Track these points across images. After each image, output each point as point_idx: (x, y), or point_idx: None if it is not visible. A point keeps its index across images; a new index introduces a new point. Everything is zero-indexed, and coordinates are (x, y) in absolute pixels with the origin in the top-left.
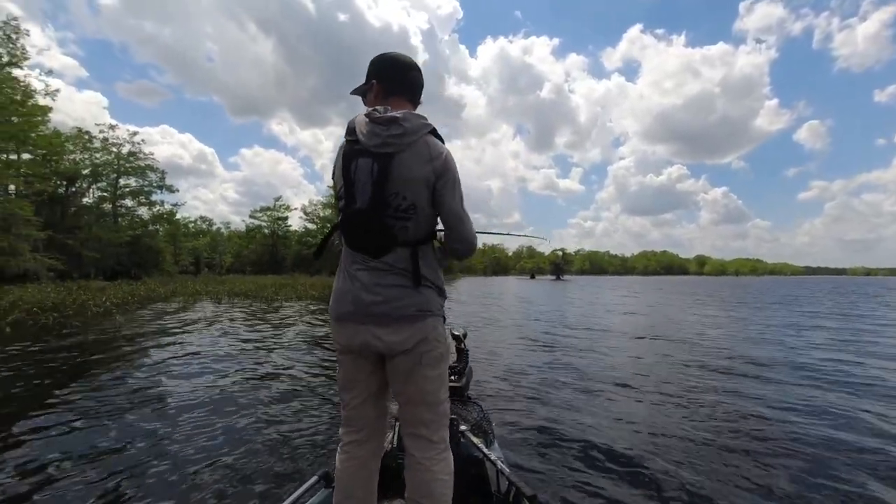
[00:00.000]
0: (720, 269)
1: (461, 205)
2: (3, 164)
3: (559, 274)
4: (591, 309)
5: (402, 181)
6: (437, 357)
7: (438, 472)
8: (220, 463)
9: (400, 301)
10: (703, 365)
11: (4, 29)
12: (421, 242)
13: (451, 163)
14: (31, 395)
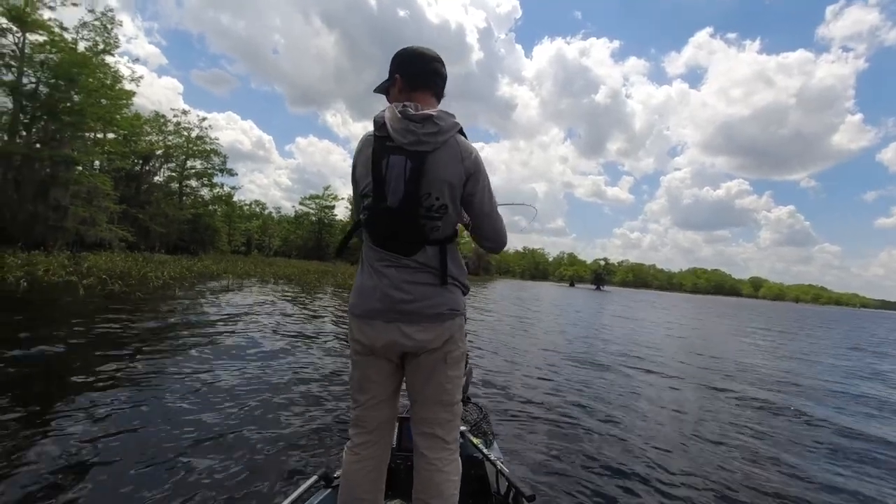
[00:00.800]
0: (778, 293)
1: (493, 202)
2: (91, 142)
3: (599, 284)
4: (628, 323)
5: (436, 181)
6: (459, 357)
7: (450, 472)
8: (220, 463)
9: (431, 299)
10: (738, 397)
11: (101, 19)
12: (448, 241)
13: (482, 162)
14: (86, 353)
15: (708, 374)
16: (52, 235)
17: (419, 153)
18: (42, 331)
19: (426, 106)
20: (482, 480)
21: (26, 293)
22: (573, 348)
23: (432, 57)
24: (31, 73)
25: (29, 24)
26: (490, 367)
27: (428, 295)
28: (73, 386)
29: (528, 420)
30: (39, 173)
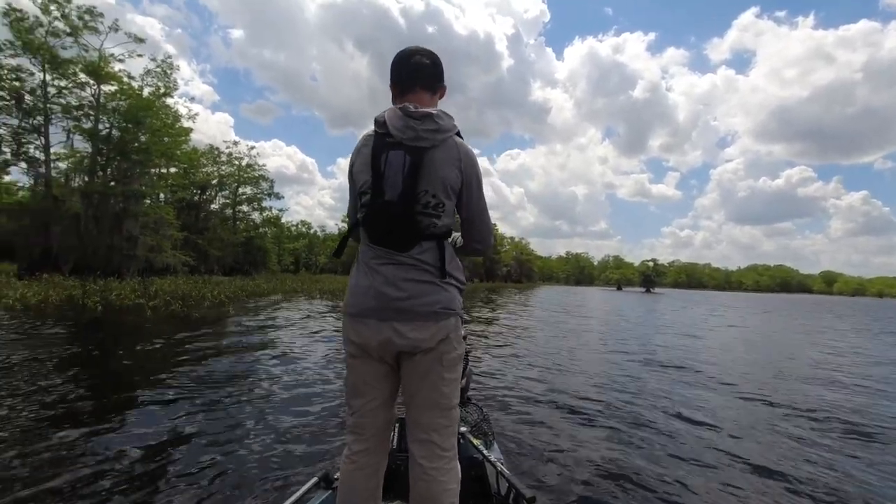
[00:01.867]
0: (857, 287)
1: (485, 207)
2: (156, 177)
3: (649, 286)
4: (676, 324)
5: (434, 177)
6: (456, 359)
7: (447, 482)
8: (220, 463)
9: (426, 297)
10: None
11: (162, 66)
12: (446, 238)
13: (477, 164)
14: (146, 364)
15: (760, 379)
16: (126, 263)
17: (418, 149)
18: (114, 347)
19: (422, 104)
20: (482, 481)
21: (102, 316)
22: (606, 350)
23: (413, 52)
24: (106, 120)
25: (103, 77)
26: (500, 368)
27: (423, 292)
28: (128, 391)
29: (534, 420)
30: (114, 208)
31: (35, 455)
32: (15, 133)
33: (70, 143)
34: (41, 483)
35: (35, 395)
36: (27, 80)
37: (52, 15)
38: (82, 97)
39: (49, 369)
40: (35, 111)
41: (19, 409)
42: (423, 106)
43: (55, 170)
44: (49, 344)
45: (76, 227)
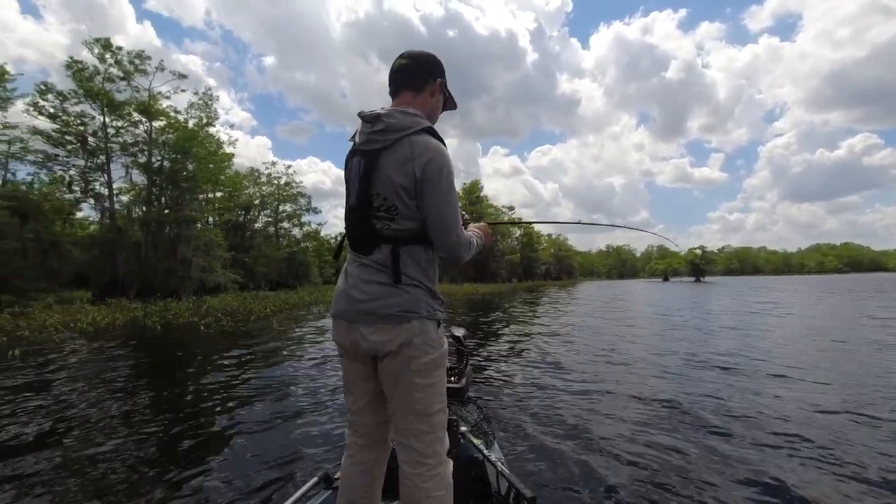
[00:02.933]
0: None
1: (447, 211)
2: (204, 202)
3: (698, 275)
4: (724, 314)
5: (382, 180)
6: (428, 364)
7: (430, 489)
8: (220, 463)
9: (383, 299)
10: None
11: (203, 98)
12: (407, 241)
13: (438, 165)
14: (189, 377)
15: (824, 375)
16: (182, 285)
17: (369, 152)
18: (166, 362)
19: (407, 104)
20: (482, 481)
21: (161, 334)
22: (632, 343)
23: (399, 56)
24: (157, 153)
25: (153, 114)
26: (505, 367)
27: (381, 294)
28: (177, 401)
29: (535, 420)
30: (169, 234)
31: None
32: (82, 173)
33: (129, 177)
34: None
35: (94, 404)
36: (90, 124)
37: (108, 62)
38: (136, 134)
39: (108, 383)
40: (98, 151)
41: (80, 417)
42: (408, 106)
43: (118, 203)
44: (113, 361)
45: (138, 254)
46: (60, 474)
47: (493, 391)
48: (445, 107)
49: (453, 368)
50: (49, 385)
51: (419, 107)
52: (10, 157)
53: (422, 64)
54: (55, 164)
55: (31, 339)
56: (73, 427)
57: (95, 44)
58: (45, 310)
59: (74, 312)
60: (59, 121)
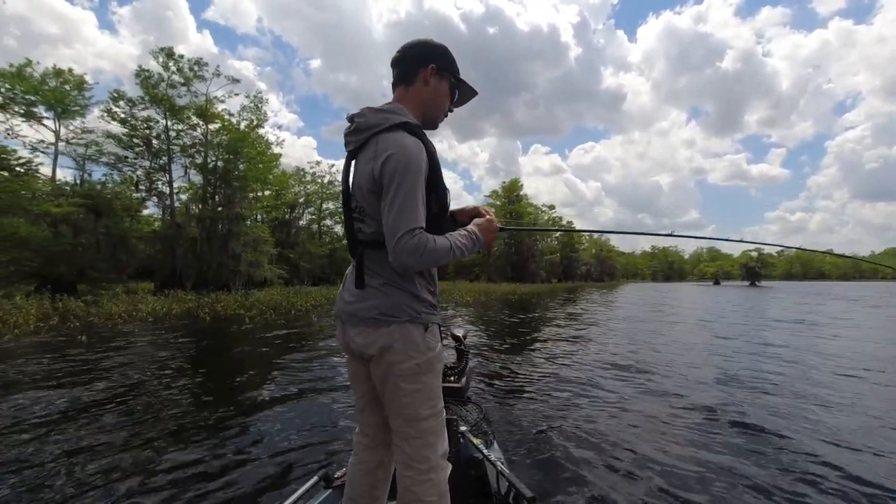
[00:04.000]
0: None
1: (393, 212)
2: (253, 200)
3: (754, 279)
4: (783, 323)
5: (356, 182)
6: (413, 369)
7: (420, 493)
8: (220, 463)
9: (362, 302)
10: None
11: (254, 101)
12: (374, 244)
13: (394, 162)
14: (225, 368)
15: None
16: (232, 278)
17: (349, 154)
18: (207, 351)
19: (396, 101)
20: (482, 481)
21: (210, 325)
22: (658, 353)
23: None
24: (212, 154)
25: (209, 117)
26: (510, 367)
27: (360, 297)
28: (197, 392)
29: (536, 421)
30: (221, 230)
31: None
32: (147, 173)
33: (187, 177)
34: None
35: (130, 387)
36: (154, 128)
37: (171, 70)
38: (194, 136)
39: (149, 369)
40: (161, 153)
41: (117, 396)
42: (398, 101)
43: (177, 201)
44: (162, 348)
45: (194, 249)
46: (84, 444)
47: (494, 392)
48: (460, 94)
49: (453, 368)
50: (105, 366)
51: (411, 100)
52: (86, 159)
53: (410, 53)
54: (124, 166)
55: (98, 325)
56: (107, 403)
57: (160, 53)
58: (113, 299)
59: (137, 302)
60: (128, 125)
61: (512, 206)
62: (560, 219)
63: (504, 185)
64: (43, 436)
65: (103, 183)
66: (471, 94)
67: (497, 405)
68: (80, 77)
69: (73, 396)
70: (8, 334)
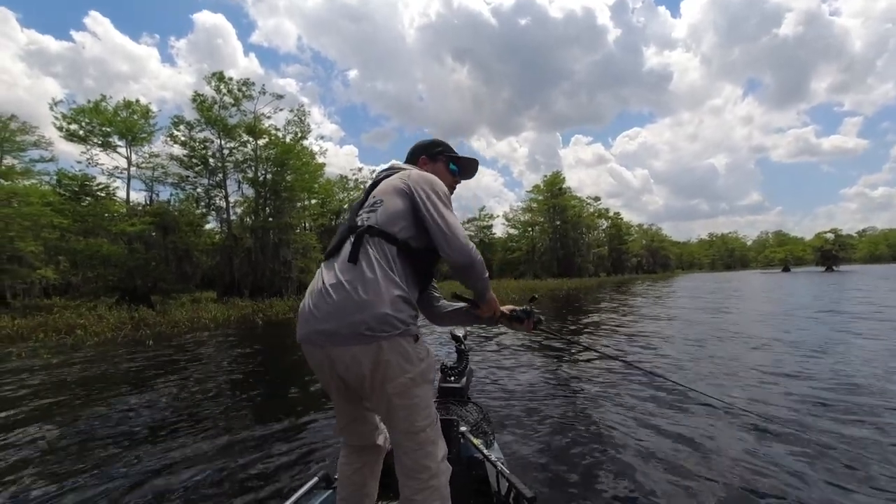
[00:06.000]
0: None
1: (454, 223)
2: (301, 209)
3: (830, 264)
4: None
5: (377, 189)
6: (406, 384)
7: (421, 500)
8: (221, 464)
9: (344, 314)
10: None
11: (298, 114)
12: (388, 235)
13: (434, 182)
14: (261, 373)
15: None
16: (284, 284)
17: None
18: (263, 354)
19: None
20: (482, 481)
21: (262, 330)
22: (692, 347)
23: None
24: (261, 167)
25: (258, 133)
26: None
27: (346, 296)
28: (265, 390)
29: (537, 421)
30: (273, 239)
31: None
32: (206, 190)
33: (241, 191)
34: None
35: (174, 386)
36: (210, 147)
37: (222, 93)
38: (245, 152)
39: (211, 366)
40: (217, 170)
41: (161, 392)
42: None
43: (233, 214)
44: (216, 352)
45: (249, 258)
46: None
47: (495, 392)
48: (461, 167)
49: (453, 368)
50: (165, 366)
51: None
52: (154, 181)
53: (412, 151)
54: (186, 184)
55: (166, 332)
56: (153, 396)
57: (212, 78)
58: (180, 308)
59: (200, 310)
60: (188, 147)
61: (555, 200)
62: (606, 210)
63: (545, 178)
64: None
65: (169, 202)
66: (473, 164)
67: (497, 405)
68: (145, 107)
69: (119, 396)
70: (89, 341)
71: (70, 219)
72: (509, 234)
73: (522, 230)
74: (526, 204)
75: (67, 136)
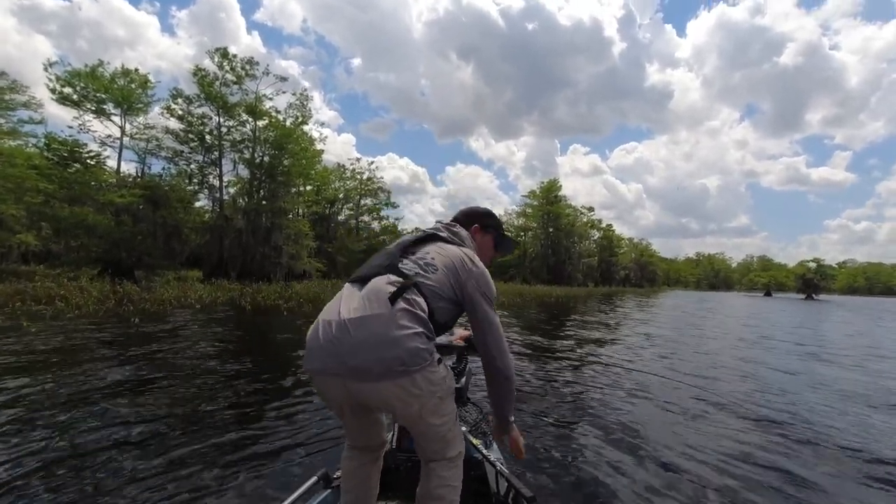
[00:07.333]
0: None
1: (497, 327)
2: (296, 194)
3: (811, 292)
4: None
5: (437, 252)
6: (437, 404)
7: (449, 478)
8: (221, 464)
9: (376, 348)
10: None
11: (300, 98)
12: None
13: (488, 278)
14: (251, 361)
15: None
16: (273, 269)
17: (434, 235)
18: (251, 341)
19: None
20: (482, 481)
21: (250, 314)
22: (675, 360)
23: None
24: (259, 149)
25: (258, 114)
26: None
27: (377, 332)
28: (212, 384)
29: (535, 422)
30: (265, 222)
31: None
32: (200, 167)
33: (236, 171)
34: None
35: (172, 368)
36: (207, 124)
37: (225, 69)
38: (244, 132)
39: (187, 352)
40: (213, 148)
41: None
42: (468, 237)
43: (226, 194)
44: (203, 333)
45: (239, 240)
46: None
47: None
48: (503, 246)
49: (453, 368)
50: (152, 349)
51: (472, 243)
52: (147, 153)
53: (469, 213)
54: (180, 160)
55: (150, 309)
56: (129, 385)
57: (216, 53)
58: (165, 284)
59: (186, 289)
60: (185, 121)
61: (550, 207)
62: (599, 221)
63: (542, 185)
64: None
65: (161, 176)
66: (511, 245)
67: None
68: (144, 76)
69: (103, 374)
70: (70, 314)
71: (56, 184)
72: None
73: (515, 234)
74: (521, 208)
75: (60, 100)
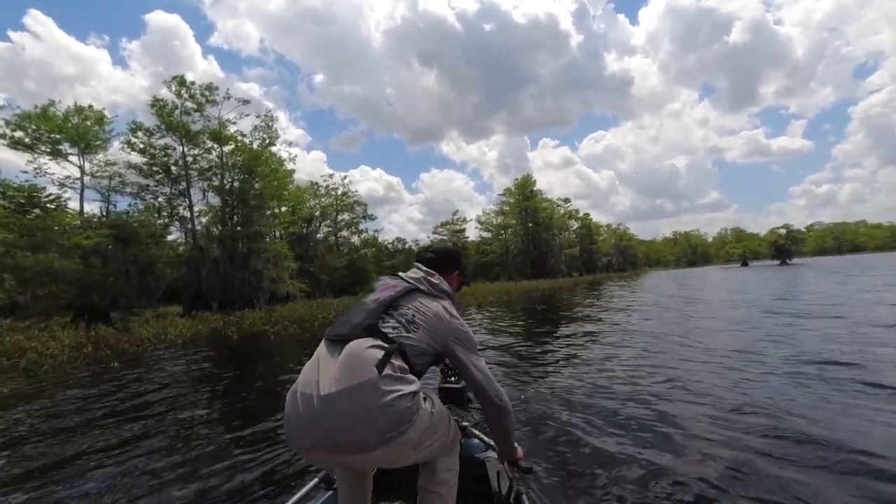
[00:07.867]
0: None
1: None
2: (271, 216)
3: (784, 257)
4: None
5: (420, 306)
6: (430, 430)
7: (451, 462)
8: (221, 465)
9: (363, 421)
10: None
11: (265, 119)
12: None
13: (467, 332)
14: (245, 384)
15: None
16: (255, 295)
17: (415, 290)
18: (241, 367)
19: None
20: (482, 480)
21: (237, 342)
22: (669, 344)
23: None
24: (228, 175)
25: (223, 140)
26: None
27: (364, 404)
28: (211, 407)
29: (535, 422)
30: (242, 248)
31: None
32: (168, 199)
33: (206, 199)
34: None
35: (161, 408)
36: (172, 154)
37: (183, 97)
38: (210, 160)
39: (178, 389)
40: (180, 178)
41: (148, 416)
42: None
43: (198, 224)
44: (189, 369)
45: (217, 269)
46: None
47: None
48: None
49: (453, 369)
50: (136, 390)
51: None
52: (111, 191)
53: (447, 256)
54: (147, 194)
55: (129, 351)
56: (138, 422)
57: (173, 82)
58: (143, 324)
59: (166, 326)
60: (147, 154)
61: (526, 203)
62: (576, 211)
63: (517, 181)
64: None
65: (128, 212)
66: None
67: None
68: (99, 112)
69: (95, 418)
70: (45, 365)
71: (16, 233)
72: (482, 238)
73: (496, 233)
74: (498, 207)
75: (11, 144)
